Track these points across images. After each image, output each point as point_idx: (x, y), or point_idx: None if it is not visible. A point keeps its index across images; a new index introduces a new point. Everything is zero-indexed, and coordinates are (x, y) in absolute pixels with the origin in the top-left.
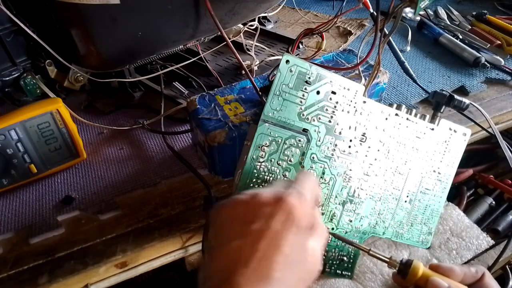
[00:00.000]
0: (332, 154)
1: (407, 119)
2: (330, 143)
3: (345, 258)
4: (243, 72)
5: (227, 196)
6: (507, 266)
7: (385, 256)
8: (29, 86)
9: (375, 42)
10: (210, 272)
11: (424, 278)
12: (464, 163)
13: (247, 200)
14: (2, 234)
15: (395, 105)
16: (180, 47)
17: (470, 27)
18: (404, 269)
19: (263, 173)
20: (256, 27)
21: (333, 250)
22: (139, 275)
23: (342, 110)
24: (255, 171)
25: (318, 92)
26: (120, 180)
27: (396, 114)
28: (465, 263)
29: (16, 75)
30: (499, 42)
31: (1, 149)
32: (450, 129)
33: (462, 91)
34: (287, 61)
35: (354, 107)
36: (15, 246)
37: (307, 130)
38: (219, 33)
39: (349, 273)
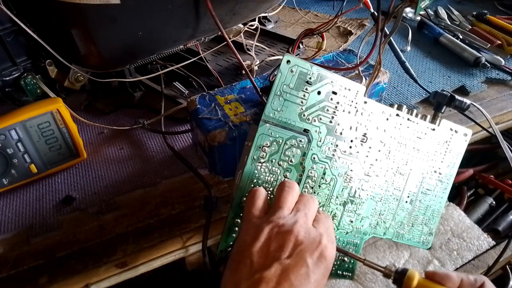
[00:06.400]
0: (333, 155)
1: (408, 119)
2: (331, 144)
3: (346, 259)
4: (243, 72)
5: (227, 196)
6: (507, 266)
7: (380, 266)
8: (30, 86)
9: (376, 42)
10: None
11: (420, 287)
12: (465, 163)
13: None
14: (2, 234)
15: (396, 106)
16: (181, 47)
17: (470, 27)
18: (399, 278)
19: (264, 173)
20: (257, 27)
21: None
22: (139, 275)
23: (343, 111)
24: (255, 171)
25: (319, 93)
26: (120, 180)
27: (397, 115)
28: (466, 263)
29: (17, 75)
30: (500, 42)
31: (2, 149)
32: (451, 129)
33: (463, 91)
34: (288, 62)
35: (355, 107)
36: (15, 246)
37: (308, 130)
38: (220, 33)
39: (350, 274)
